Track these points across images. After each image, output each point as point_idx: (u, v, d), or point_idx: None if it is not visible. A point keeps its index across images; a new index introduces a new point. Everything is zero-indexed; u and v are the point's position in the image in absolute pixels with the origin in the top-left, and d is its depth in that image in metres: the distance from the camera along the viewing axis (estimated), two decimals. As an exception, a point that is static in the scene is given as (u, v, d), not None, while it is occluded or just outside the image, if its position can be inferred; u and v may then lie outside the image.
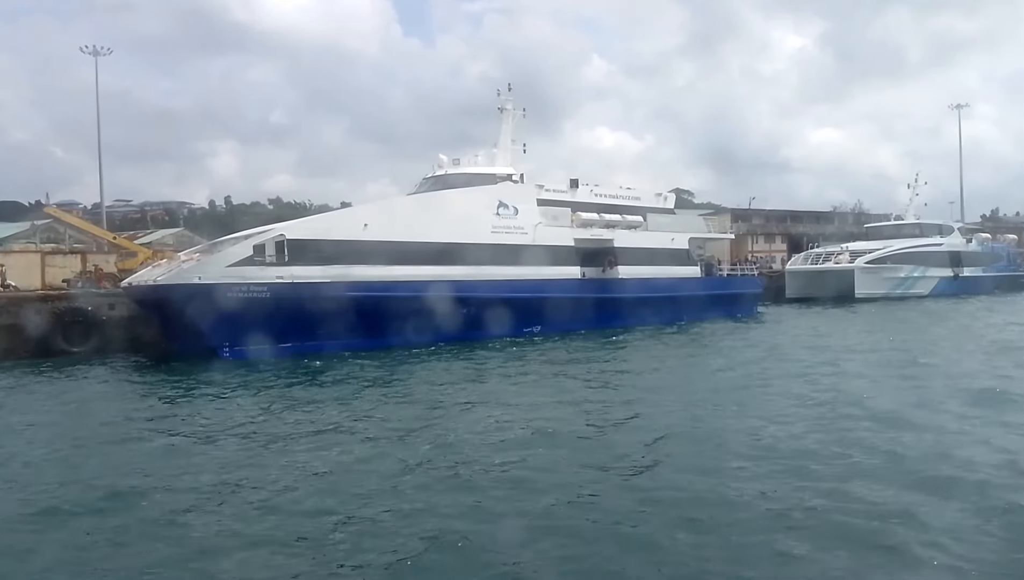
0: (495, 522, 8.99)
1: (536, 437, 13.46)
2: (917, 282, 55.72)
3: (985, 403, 15.34)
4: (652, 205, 39.60)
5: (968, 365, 21.30)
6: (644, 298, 35.07)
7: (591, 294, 34.21)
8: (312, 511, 9.59)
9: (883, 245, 56.24)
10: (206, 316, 24.05)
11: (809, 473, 10.60)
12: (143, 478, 11.32)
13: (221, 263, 25.14)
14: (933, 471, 10.55)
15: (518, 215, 32.59)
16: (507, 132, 36.17)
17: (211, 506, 9.92)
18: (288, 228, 26.94)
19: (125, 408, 17.67)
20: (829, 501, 9.39)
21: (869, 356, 24.25)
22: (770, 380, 19.80)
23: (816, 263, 55.30)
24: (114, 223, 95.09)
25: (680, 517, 9.01)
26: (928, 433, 12.83)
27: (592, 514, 9.26)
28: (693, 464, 11.44)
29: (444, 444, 13.04)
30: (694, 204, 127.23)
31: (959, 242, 61.41)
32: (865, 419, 13.96)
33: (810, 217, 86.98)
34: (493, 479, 10.76)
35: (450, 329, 28.06)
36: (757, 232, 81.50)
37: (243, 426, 15.02)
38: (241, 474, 11.35)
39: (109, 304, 28.75)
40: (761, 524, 8.72)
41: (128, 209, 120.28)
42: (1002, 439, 12.32)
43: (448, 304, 28.34)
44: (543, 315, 31.94)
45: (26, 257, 40.26)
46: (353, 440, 13.62)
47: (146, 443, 13.98)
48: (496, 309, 29.87)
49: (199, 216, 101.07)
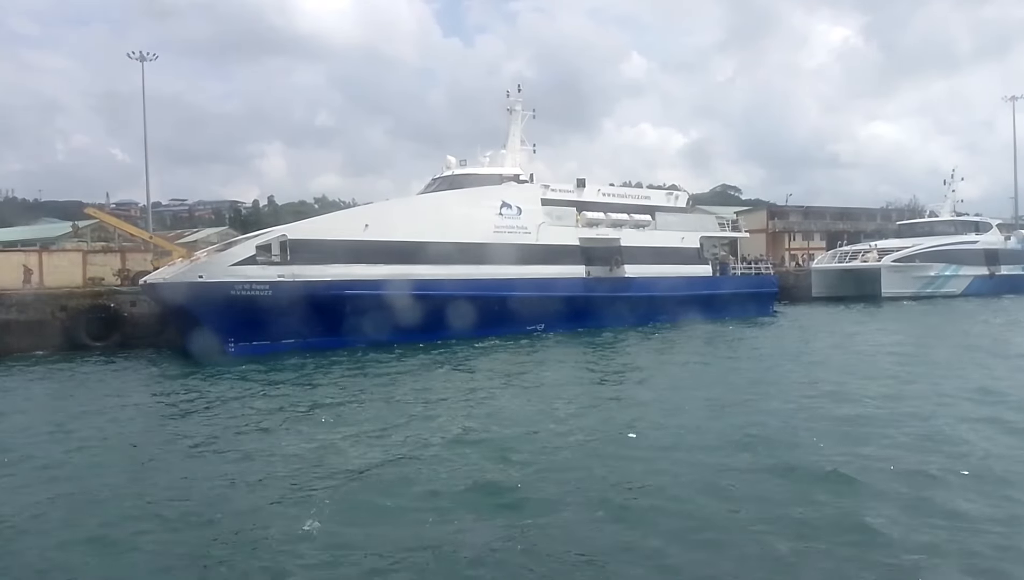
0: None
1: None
2: (949, 281, 54.29)
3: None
4: (661, 204, 39.72)
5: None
6: (649, 298, 35.42)
7: (595, 293, 34.62)
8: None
9: (914, 243, 54.97)
10: (210, 312, 25.48)
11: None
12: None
13: (225, 262, 26.50)
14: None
15: (521, 215, 33.22)
16: (516, 133, 36.92)
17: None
18: (290, 228, 28.16)
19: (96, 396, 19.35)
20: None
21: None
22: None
23: (843, 261, 54.45)
24: (164, 222, 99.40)
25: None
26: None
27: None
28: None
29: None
30: (741, 200, 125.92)
31: (996, 239, 59.51)
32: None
33: (852, 214, 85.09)
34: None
35: (451, 327, 28.97)
36: (794, 229, 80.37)
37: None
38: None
39: (131, 301, 30.55)
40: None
41: (180, 208, 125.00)
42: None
43: (449, 303, 29.30)
44: (546, 314, 32.61)
45: (68, 256, 42.63)
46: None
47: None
48: (499, 308, 30.72)
49: (245, 215, 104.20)
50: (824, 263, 55.73)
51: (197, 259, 28.46)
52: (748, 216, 78.17)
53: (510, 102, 37.11)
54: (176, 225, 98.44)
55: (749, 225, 65.72)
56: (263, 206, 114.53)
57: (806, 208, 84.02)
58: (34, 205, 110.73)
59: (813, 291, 52.89)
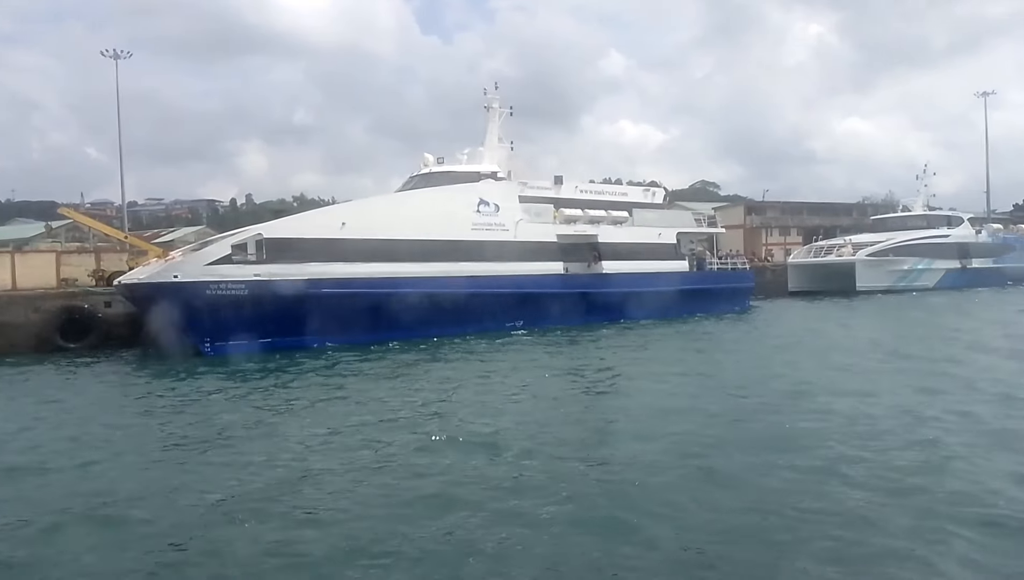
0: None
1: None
2: (922, 275, 55.14)
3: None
4: (638, 200, 40.01)
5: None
6: (627, 293, 35.65)
7: (573, 289, 34.79)
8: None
9: (888, 237, 55.76)
10: (185, 313, 25.33)
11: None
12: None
13: (200, 262, 26.33)
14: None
15: (499, 212, 33.32)
16: (493, 130, 36.95)
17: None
18: (266, 227, 28.03)
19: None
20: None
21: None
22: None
23: (819, 256, 55.10)
24: (140, 221, 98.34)
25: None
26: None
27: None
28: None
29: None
30: (719, 196, 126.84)
31: (968, 233, 60.49)
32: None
33: (828, 209, 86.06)
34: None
35: (429, 324, 29.04)
36: (771, 225, 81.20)
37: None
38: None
39: (106, 302, 30.27)
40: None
41: (157, 208, 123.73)
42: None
43: (427, 300, 29.34)
44: (525, 310, 32.76)
45: (41, 256, 42.09)
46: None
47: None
48: (477, 305, 30.82)
49: (222, 214, 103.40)
50: (800, 258, 56.33)
51: (172, 259, 28.25)
52: (725, 212, 78.70)
53: (487, 99, 37.15)
54: (153, 224, 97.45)
55: (726, 221, 66.11)
56: (241, 205, 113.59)
57: (783, 204, 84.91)
58: (7, 205, 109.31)
59: (789, 286, 53.52)
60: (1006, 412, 14.17)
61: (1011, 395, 15.73)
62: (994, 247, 62.58)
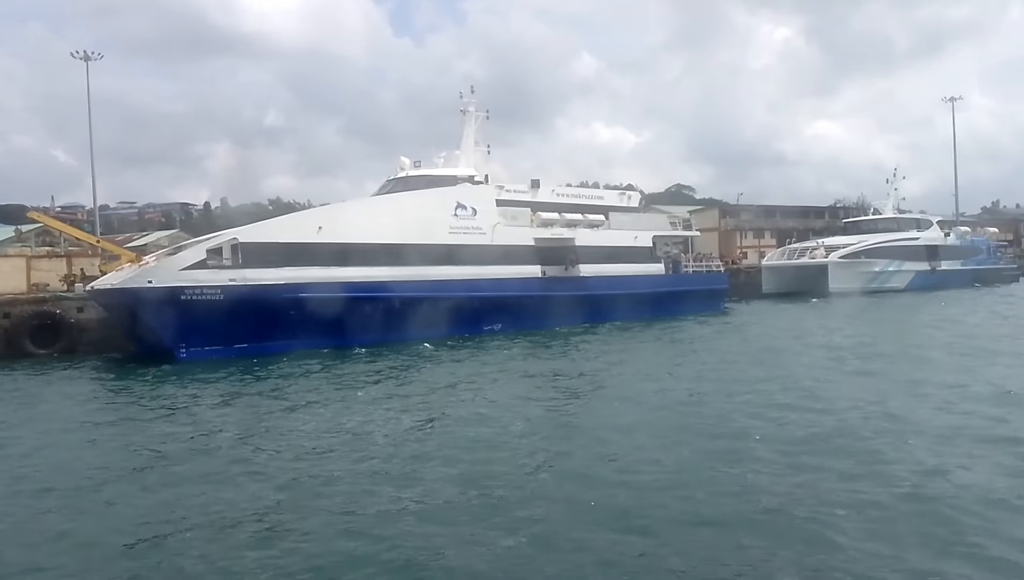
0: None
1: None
2: (892, 276, 56.08)
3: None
4: (615, 204, 40.32)
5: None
6: (604, 296, 35.92)
7: (551, 292, 34.96)
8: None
9: (859, 240, 56.67)
10: (160, 318, 25.09)
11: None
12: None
13: (174, 266, 26.08)
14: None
15: (476, 216, 33.40)
16: (470, 134, 37.05)
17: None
18: (242, 231, 27.80)
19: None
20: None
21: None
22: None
23: (792, 258, 55.82)
24: (112, 225, 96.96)
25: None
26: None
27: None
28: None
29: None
30: (695, 199, 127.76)
31: (937, 236, 61.70)
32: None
33: (800, 212, 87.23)
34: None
35: (407, 328, 28.99)
36: (745, 228, 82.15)
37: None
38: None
39: (78, 307, 29.85)
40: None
41: (129, 211, 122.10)
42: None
43: (404, 304, 29.36)
44: (503, 313, 32.88)
45: (11, 261, 41.33)
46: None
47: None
48: (454, 308, 30.82)
49: (196, 218, 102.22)
50: (774, 260, 57.00)
51: (146, 264, 27.98)
52: (701, 214, 79.47)
53: (463, 103, 37.23)
54: (124, 228, 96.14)
55: (701, 224, 66.78)
56: (215, 208, 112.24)
57: (756, 207, 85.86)
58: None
59: (763, 288, 54.08)
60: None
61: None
62: (962, 249, 63.90)
